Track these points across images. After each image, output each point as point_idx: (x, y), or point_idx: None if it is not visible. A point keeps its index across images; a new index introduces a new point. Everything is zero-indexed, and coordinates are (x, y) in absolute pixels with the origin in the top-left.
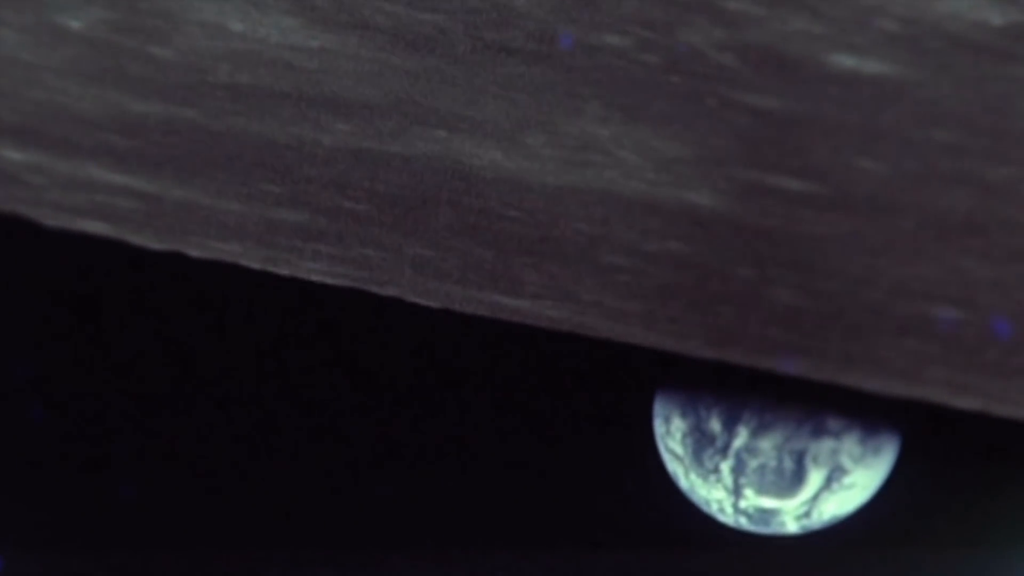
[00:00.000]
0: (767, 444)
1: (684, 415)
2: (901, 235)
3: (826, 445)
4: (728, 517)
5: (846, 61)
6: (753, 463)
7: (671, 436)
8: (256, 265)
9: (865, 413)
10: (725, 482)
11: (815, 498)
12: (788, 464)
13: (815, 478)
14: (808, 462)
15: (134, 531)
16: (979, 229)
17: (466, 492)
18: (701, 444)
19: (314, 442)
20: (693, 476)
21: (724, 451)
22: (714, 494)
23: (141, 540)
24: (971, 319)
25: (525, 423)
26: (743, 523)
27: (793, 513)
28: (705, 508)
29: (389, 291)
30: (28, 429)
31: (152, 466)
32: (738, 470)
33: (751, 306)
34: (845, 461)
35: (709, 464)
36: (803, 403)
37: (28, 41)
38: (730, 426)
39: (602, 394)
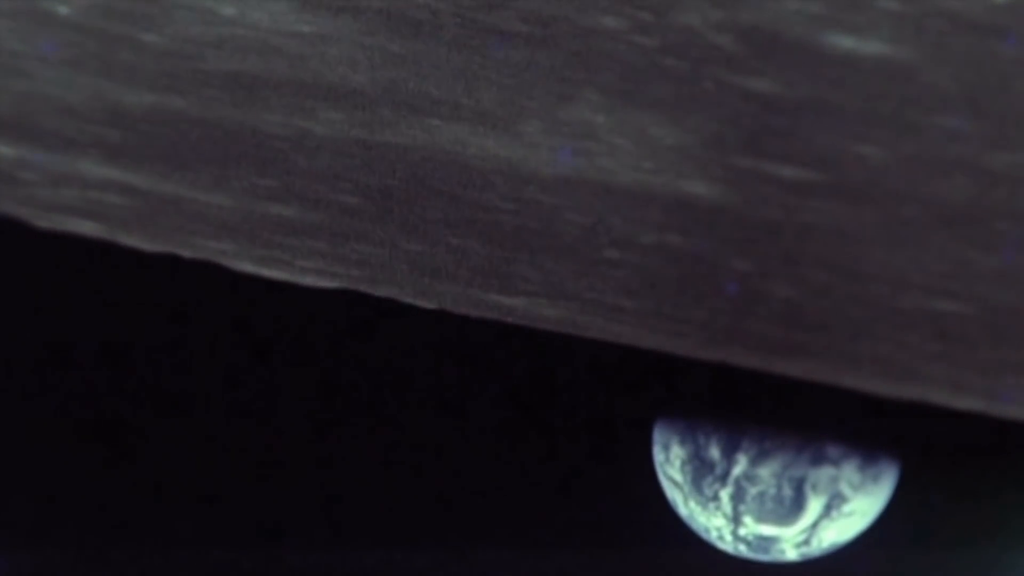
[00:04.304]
0: (766, 472)
1: (683, 443)
2: (901, 225)
3: (825, 472)
4: (727, 544)
5: (844, 42)
6: (752, 491)
7: (670, 463)
8: (249, 266)
9: (864, 440)
10: (724, 510)
11: (814, 525)
12: (787, 491)
13: (814, 505)
14: (807, 489)
15: (132, 532)
16: (982, 218)
17: (464, 514)
18: (700, 472)
19: (312, 443)
20: (692, 504)
21: (723, 479)
22: (713, 522)
23: (138, 540)
24: (973, 313)
25: (523, 449)
26: (742, 550)
27: (792, 540)
28: (704, 536)
29: (385, 291)
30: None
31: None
32: (737, 498)
33: (748, 303)
34: (844, 488)
35: (708, 492)
36: (802, 430)
37: (14, 27)
38: (729, 454)
39: (602, 421)
